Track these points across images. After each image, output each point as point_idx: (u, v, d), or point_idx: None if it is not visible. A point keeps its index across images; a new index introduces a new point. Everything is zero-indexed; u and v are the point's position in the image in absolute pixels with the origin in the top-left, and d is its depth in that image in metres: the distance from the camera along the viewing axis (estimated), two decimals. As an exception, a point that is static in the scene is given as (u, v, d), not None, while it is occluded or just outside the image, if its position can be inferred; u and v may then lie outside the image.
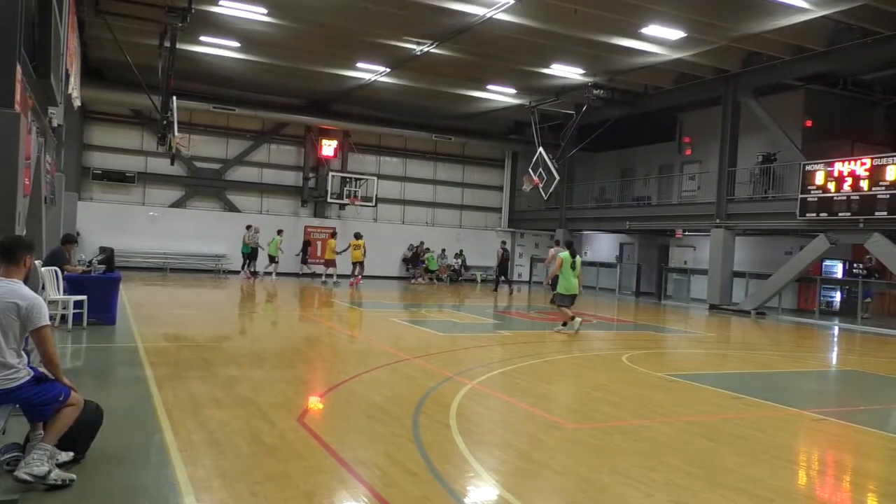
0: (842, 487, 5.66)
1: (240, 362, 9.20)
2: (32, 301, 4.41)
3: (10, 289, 4.44)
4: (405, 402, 7.32)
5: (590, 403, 7.85)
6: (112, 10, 17.60)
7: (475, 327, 15.22)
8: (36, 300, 4.43)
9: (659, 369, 10.43)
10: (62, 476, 4.38)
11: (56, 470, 4.38)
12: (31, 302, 4.41)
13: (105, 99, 25.42)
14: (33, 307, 4.40)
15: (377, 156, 31.60)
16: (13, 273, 4.54)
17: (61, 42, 11.10)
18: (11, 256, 4.54)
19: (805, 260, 20.34)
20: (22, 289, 4.48)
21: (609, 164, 32.37)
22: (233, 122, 28.46)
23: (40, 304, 4.45)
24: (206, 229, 27.17)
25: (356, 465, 5.19)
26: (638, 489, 4.98)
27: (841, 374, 12.13)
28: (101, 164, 26.47)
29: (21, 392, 4.42)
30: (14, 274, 4.54)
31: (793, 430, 7.27)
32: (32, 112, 9.74)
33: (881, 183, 17.56)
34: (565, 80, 23.81)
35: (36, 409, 4.54)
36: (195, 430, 5.80)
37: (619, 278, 28.93)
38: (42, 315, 4.43)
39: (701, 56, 20.21)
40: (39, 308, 4.43)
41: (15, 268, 4.55)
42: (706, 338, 16.05)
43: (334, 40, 20.44)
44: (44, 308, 4.46)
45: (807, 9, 15.90)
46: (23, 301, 4.40)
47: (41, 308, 4.44)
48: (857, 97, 22.65)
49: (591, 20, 17.34)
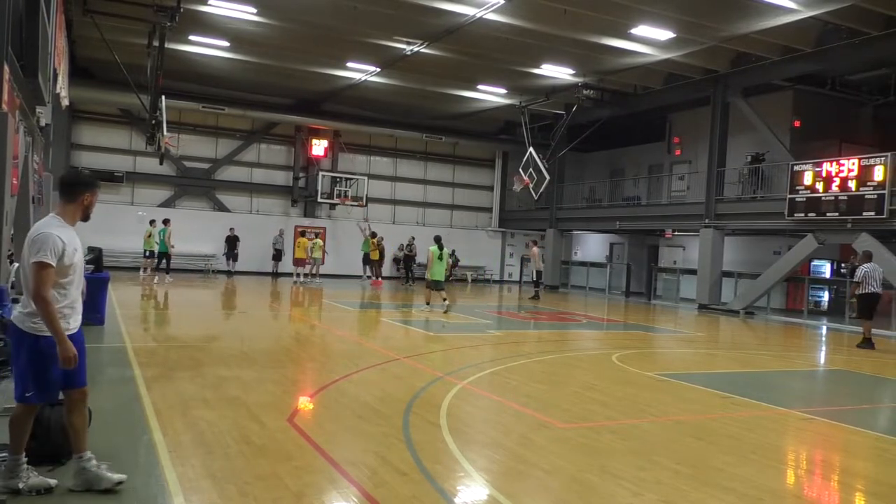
0: (830, 486, 5.69)
1: (229, 362, 9.17)
2: (35, 235, 4.14)
3: (37, 225, 4.25)
4: (395, 402, 7.31)
5: (580, 403, 7.87)
6: (100, 9, 17.50)
7: (466, 327, 15.22)
8: (39, 234, 4.11)
9: (649, 369, 10.47)
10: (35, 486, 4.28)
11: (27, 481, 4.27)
12: (34, 236, 4.14)
13: (93, 98, 25.28)
14: (32, 241, 4.13)
15: (367, 155, 31.57)
16: (67, 212, 4.30)
17: (49, 41, 11.04)
18: (65, 192, 4.32)
19: (793, 260, 20.46)
20: (45, 224, 4.21)
21: (599, 165, 32.46)
22: (222, 121, 28.36)
23: (40, 240, 4.09)
24: (196, 229, 27.05)
25: (346, 465, 5.19)
26: (627, 488, 4.99)
27: (829, 374, 12.21)
28: (90, 164, 26.30)
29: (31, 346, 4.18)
30: (67, 213, 4.30)
31: (781, 430, 7.31)
32: (20, 111, 9.68)
33: (869, 183, 17.67)
34: (555, 81, 23.86)
35: (17, 381, 4.30)
36: (184, 431, 5.78)
37: (609, 278, 29.00)
38: (34, 251, 4.08)
39: (690, 56, 20.29)
40: (35, 242, 4.10)
41: (70, 205, 4.31)
42: (696, 337, 16.11)
43: (324, 40, 20.41)
44: (42, 244, 4.08)
45: (795, 9, 15.99)
46: (32, 233, 4.19)
47: (37, 243, 4.09)
48: (845, 97, 22.80)
49: (580, 20, 17.39)
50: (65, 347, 4.11)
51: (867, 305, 14.79)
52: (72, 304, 4.32)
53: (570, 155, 29.72)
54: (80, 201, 4.33)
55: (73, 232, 4.31)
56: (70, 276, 4.26)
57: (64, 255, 4.15)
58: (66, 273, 4.22)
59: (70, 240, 4.23)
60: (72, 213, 4.32)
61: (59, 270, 4.16)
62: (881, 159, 17.55)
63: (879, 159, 17.61)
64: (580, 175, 32.45)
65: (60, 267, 4.15)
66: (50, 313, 4.06)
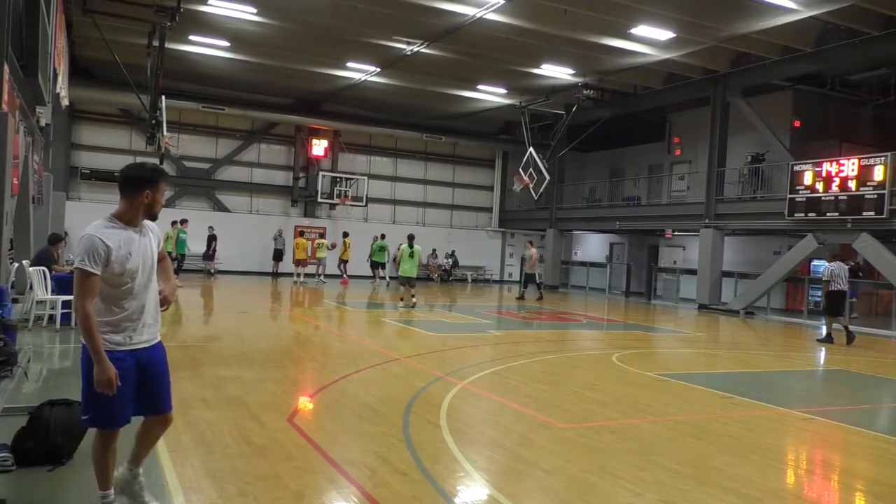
0: (830, 486, 5.69)
1: (229, 362, 9.17)
2: (80, 237, 3.62)
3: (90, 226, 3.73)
4: (395, 402, 7.31)
5: (580, 403, 7.87)
6: (100, 9, 17.49)
7: (466, 327, 15.22)
8: (82, 237, 3.60)
9: (649, 369, 10.46)
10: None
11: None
12: (80, 238, 3.63)
13: (93, 98, 25.27)
14: (78, 243, 3.64)
15: (368, 155, 31.58)
16: (125, 211, 3.75)
17: (49, 41, 11.04)
18: (124, 189, 3.79)
19: (793, 260, 20.46)
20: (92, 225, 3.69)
21: (599, 165, 32.46)
22: (222, 121, 28.37)
23: (81, 243, 3.57)
24: (196, 229, 27.03)
25: (346, 465, 5.18)
26: (627, 488, 4.99)
27: (829, 374, 12.20)
28: (90, 164, 26.33)
29: (86, 361, 3.65)
30: (126, 212, 3.75)
31: (781, 430, 7.31)
32: (20, 111, 9.68)
33: (869, 183, 17.67)
34: (555, 81, 23.86)
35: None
36: (184, 431, 5.77)
37: (609, 278, 29.02)
38: (77, 255, 3.60)
39: (690, 56, 20.30)
40: (78, 245, 3.61)
41: (130, 204, 3.76)
42: (696, 337, 16.11)
43: (324, 40, 20.41)
44: (83, 249, 3.55)
45: (795, 9, 15.99)
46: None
47: (79, 247, 3.57)
48: (845, 97, 22.81)
49: (580, 20, 17.39)
50: (101, 368, 3.54)
51: (834, 302, 15.40)
52: (131, 316, 3.74)
53: (570, 155, 29.72)
54: (140, 199, 3.74)
55: (133, 234, 3.73)
56: (126, 284, 3.68)
57: (111, 261, 3.58)
58: (119, 282, 3.66)
59: (123, 243, 3.65)
60: (132, 213, 3.75)
61: (109, 280, 3.61)
62: (881, 159, 17.55)
63: (879, 159, 17.61)
64: (580, 175, 32.45)
65: (110, 276, 3.60)
66: (87, 327, 3.53)
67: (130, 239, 3.70)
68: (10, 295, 7.36)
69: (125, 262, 3.63)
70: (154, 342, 3.89)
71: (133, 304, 3.73)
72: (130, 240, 3.70)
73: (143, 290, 3.76)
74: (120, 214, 3.74)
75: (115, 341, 3.67)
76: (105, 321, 3.65)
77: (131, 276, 3.68)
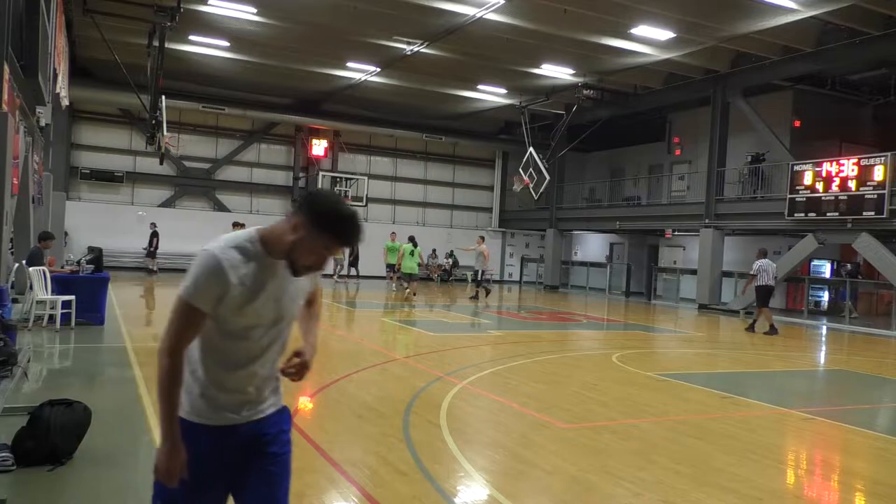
0: (830, 486, 5.69)
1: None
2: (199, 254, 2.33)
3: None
4: (395, 401, 7.31)
5: (580, 403, 7.87)
6: (100, 9, 17.49)
7: (466, 327, 15.22)
8: (201, 252, 2.32)
9: (649, 369, 10.46)
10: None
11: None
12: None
13: (93, 98, 25.28)
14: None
15: (368, 155, 31.59)
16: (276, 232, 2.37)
17: (49, 41, 11.05)
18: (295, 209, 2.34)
19: (793, 260, 20.45)
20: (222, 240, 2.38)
21: (599, 165, 32.48)
22: (222, 121, 28.38)
23: (196, 262, 2.31)
24: (196, 229, 27.04)
25: (346, 465, 5.18)
26: (627, 488, 4.99)
27: (829, 374, 12.20)
28: (90, 164, 26.34)
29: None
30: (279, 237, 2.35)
31: (781, 430, 7.31)
32: (20, 111, 9.68)
33: (869, 183, 17.67)
34: (555, 81, 23.86)
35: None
36: (184, 431, 5.76)
37: (609, 278, 29.01)
38: (186, 276, 2.32)
39: (690, 56, 20.30)
40: (192, 263, 2.33)
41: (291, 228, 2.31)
42: (695, 337, 16.11)
43: (324, 40, 20.42)
44: (195, 270, 2.29)
45: (795, 9, 15.99)
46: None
47: (193, 264, 2.32)
48: (846, 97, 22.80)
49: (580, 20, 17.39)
50: (166, 449, 2.35)
51: (763, 296, 16.32)
52: (239, 385, 2.44)
53: (570, 155, 29.73)
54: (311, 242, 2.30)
55: (272, 267, 2.36)
56: (243, 340, 2.40)
57: (227, 300, 2.29)
58: (234, 333, 2.38)
59: (251, 277, 2.32)
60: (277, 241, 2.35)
61: (221, 326, 2.35)
62: (881, 159, 17.55)
63: (879, 159, 17.62)
64: (580, 175, 32.46)
65: (223, 321, 2.34)
66: (166, 381, 2.31)
67: (265, 273, 2.36)
68: (10, 295, 7.36)
69: (245, 305, 2.33)
70: (267, 412, 2.56)
71: (247, 369, 2.45)
72: (265, 274, 2.35)
73: (265, 350, 2.48)
74: (268, 237, 2.37)
75: (203, 413, 2.41)
76: (197, 381, 2.41)
77: (254, 332, 2.40)
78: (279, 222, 2.38)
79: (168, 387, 2.30)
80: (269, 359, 2.52)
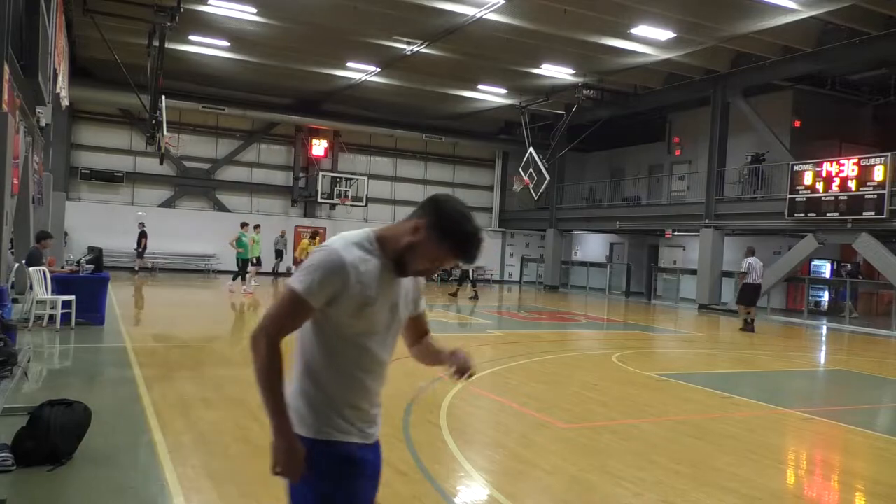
0: (830, 486, 5.69)
1: (229, 362, 9.17)
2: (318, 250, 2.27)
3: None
4: (395, 401, 7.29)
5: (580, 403, 7.87)
6: (100, 9, 17.50)
7: (465, 327, 15.22)
8: (321, 248, 2.26)
9: (649, 369, 10.46)
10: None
11: None
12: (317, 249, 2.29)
13: (93, 98, 25.29)
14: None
15: (367, 155, 31.59)
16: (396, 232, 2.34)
17: (49, 41, 11.05)
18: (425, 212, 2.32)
19: (793, 260, 20.45)
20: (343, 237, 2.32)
21: (599, 165, 32.48)
22: (222, 121, 28.38)
23: (316, 256, 2.23)
24: (196, 229, 27.08)
25: (346, 465, 5.17)
26: (627, 488, 4.99)
27: (829, 374, 12.20)
28: (90, 164, 26.35)
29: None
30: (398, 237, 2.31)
31: (781, 430, 7.31)
32: (20, 111, 9.68)
33: (869, 183, 17.67)
34: (555, 81, 23.86)
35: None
36: (184, 431, 5.78)
37: (609, 278, 29.02)
38: (301, 267, 2.25)
39: (690, 56, 20.30)
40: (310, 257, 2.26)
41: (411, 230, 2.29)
42: (695, 337, 16.11)
43: (324, 40, 20.42)
44: (312, 264, 2.21)
45: (795, 9, 15.99)
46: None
47: (311, 257, 2.25)
48: (845, 97, 22.80)
49: (580, 20, 17.39)
50: (284, 443, 2.29)
51: (751, 293, 16.69)
52: (355, 399, 2.35)
53: (570, 155, 29.73)
54: (430, 248, 2.26)
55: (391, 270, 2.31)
56: (359, 348, 2.31)
57: (343, 300, 2.20)
58: (351, 340, 2.29)
59: (372, 278, 2.25)
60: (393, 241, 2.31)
61: (339, 330, 2.26)
62: (881, 159, 17.55)
63: (879, 159, 17.62)
64: (580, 175, 32.46)
65: (340, 324, 2.25)
66: (266, 368, 2.20)
67: (383, 275, 2.28)
68: (10, 295, 7.37)
69: (364, 307, 2.24)
70: (376, 436, 2.48)
71: (362, 382, 2.36)
72: (382, 276, 2.28)
73: (380, 362, 2.41)
74: (385, 236, 2.33)
75: (342, 428, 2.31)
76: (326, 392, 2.30)
77: (368, 334, 2.31)
78: (396, 223, 2.36)
79: (270, 376, 2.19)
80: (380, 374, 2.43)
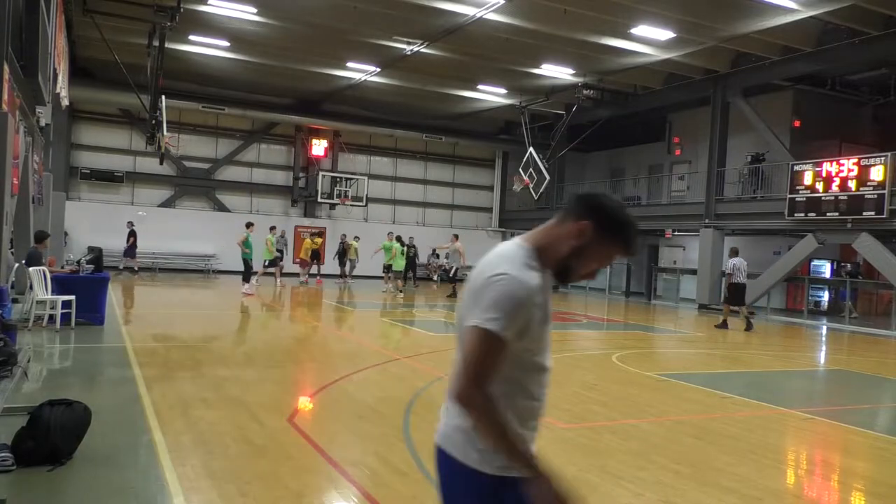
0: (830, 486, 5.69)
1: (229, 362, 9.17)
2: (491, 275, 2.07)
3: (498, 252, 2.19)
4: (396, 402, 7.31)
5: (580, 403, 7.87)
6: (100, 9, 17.49)
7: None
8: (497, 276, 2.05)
9: (649, 369, 10.46)
10: None
11: None
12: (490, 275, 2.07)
13: (93, 98, 25.27)
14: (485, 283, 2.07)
15: (368, 155, 31.56)
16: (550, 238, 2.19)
17: (49, 41, 11.05)
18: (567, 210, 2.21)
19: (793, 260, 20.44)
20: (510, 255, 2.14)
21: (599, 165, 32.47)
22: (222, 121, 28.36)
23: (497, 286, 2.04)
24: (196, 229, 27.07)
25: (346, 465, 5.18)
26: (627, 488, 4.99)
27: (829, 374, 12.21)
28: (90, 164, 26.33)
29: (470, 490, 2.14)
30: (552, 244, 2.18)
31: (781, 430, 7.31)
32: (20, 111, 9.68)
33: (869, 183, 17.66)
34: (555, 81, 23.86)
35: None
36: (184, 431, 5.78)
37: (609, 278, 28.97)
38: (481, 303, 2.05)
39: (690, 56, 20.29)
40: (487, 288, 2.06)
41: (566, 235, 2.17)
42: (695, 337, 16.11)
43: (324, 40, 20.41)
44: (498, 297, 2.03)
45: (795, 9, 15.98)
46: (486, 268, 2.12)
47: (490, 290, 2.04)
48: (845, 97, 22.79)
49: (580, 20, 17.38)
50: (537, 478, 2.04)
51: (736, 293, 16.96)
52: (540, 412, 2.23)
53: (570, 155, 29.72)
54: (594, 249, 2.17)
55: (547, 282, 2.18)
56: (537, 370, 2.19)
57: (530, 327, 2.08)
58: (530, 364, 2.17)
59: (546, 299, 2.17)
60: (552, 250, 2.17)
61: (519, 352, 2.10)
62: (881, 159, 17.54)
63: (879, 159, 17.61)
64: (580, 175, 32.45)
65: (522, 350, 2.11)
66: (488, 417, 2.04)
67: (547, 289, 2.18)
68: (10, 295, 7.36)
69: (542, 329, 2.16)
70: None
71: (545, 391, 2.24)
72: (547, 291, 2.17)
73: (539, 368, 2.21)
74: (543, 246, 2.18)
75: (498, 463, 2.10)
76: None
77: (542, 352, 2.20)
78: (544, 230, 2.21)
79: (498, 427, 2.03)
80: (545, 395, 2.25)
